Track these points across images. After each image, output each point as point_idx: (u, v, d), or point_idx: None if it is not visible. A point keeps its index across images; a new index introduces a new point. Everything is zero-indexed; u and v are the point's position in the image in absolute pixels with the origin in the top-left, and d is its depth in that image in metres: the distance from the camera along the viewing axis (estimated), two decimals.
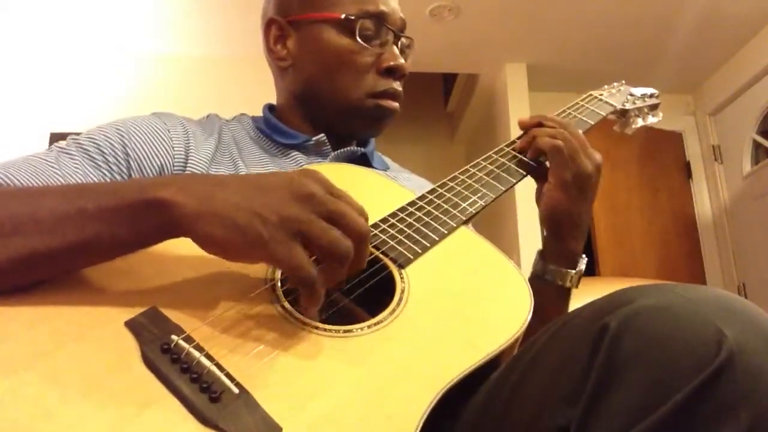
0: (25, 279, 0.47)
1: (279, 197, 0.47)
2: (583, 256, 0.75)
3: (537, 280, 0.74)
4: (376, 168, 0.86)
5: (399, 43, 0.84)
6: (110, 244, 0.47)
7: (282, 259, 0.45)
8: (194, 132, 0.78)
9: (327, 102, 0.82)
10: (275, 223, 0.45)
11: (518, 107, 3.47)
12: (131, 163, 0.71)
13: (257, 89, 0.96)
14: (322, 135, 0.82)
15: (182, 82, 3.27)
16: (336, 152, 0.82)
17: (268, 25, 0.85)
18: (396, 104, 0.82)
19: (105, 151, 0.70)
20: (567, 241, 0.73)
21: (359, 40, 0.79)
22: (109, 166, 0.70)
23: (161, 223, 0.46)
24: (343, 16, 0.79)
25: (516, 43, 3.36)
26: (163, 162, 0.73)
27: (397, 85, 0.82)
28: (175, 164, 0.74)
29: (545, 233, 0.75)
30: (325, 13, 0.80)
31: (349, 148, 0.84)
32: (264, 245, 0.45)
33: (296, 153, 0.83)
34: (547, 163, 0.74)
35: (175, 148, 0.74)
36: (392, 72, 0.81)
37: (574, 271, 0.73)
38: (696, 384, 0.35)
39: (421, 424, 0.42)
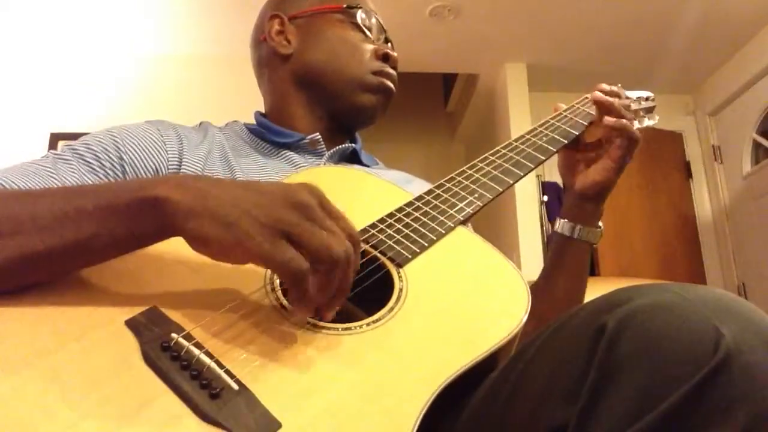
0: (25, 279, 0.47)
1: (271, 200, 0.47)
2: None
3: (566, 240, 0.81)
4: (365, 163, 0.89)
5: (387, 41, 0.93)
6: (108, 243, 0.47)
7: (269, 256, 0.45)
8: (187, 137, 0.80)
9: (332, 79, 0.86)
10: (264, 222, 0.45)
11: (518, 107, 3.47)
12: (126, 167, 0.72)
13: (256, 89, 0.96)
14: (317, 134, 0.84)
15: (182, 82, 3.27)
16: (329, 152, 0.85)
17: (271, 19, 0.89)
18: (393, 86, 0.88)
19: (100, 156, 0.71)
20: (599, 205, 0.82)
21: (361, 24, 0.88)
22: (105, 171, 0.71)
23: (156, 220, 0.47)
24: (345, 5, 0.89)
25: (516, 43, 3.37)
26: (157, 166, 0.74)
27: (392, 70, 0.89)
28: (170, 168, 0.74)
29: (578, 198, 0.82)
30: (326, 6, 0.89)
31: (341, 146, 0.86)
32: (251, 242, 0.44)
33: (290, 153, 0.84)
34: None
35: (168, 152, 0.75)
36: (387, 59, 0.88)
37: (598, 229, 0.82)
38: (693, 383, 0.35)
39: (419, 420, 0.42)
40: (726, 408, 0.34)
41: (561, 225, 0.82)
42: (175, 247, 0.49)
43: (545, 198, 3.38)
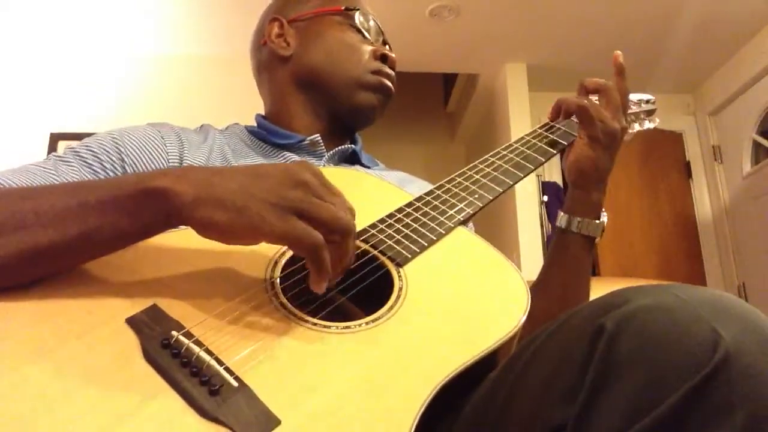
0: (29, 274, 0.47)
1: (275, 182, 0.48)
2: (604, 211, 0.80)
3: (563, 234, 0.79)
4: (365, 164, 0.90)
5: (385, 43, 0.94)
6: (112, 236, 0.48)
7: (284, 233, 0.46)
8: (188, 139, 0.80)
9: (331, 79, 0.86)
10: (273, 202, 0.47)
11: (518, 107, 3.47)
12: (127, 169, 0.72)
13: (256, 89, 0.96)
14: (317, 135, 0.85)
15: (182, 82, 3.27)
16: (329, 152, 0.85)
17: (271, 22, 0.90)
18: (392, 85, 0.89)
19: (101, 157, 0.72)
20: (591, 192, 0.79)
21: (359, 26, 0.89)
22: (106, 172, 0.71)
23: (161, 211, 0.47)
24: (343, 7, 0.90)
25: (516, 43, 3.37)
26: (158, 168, 0.74)
27: (390, 70, 0.89)
28: None
29: (570, 186, 0.80)
30: (325, 8, 0.90)
31: (341, 147, 0.87)
32: (264, 222, 0.46)
33: (290, 154, 0.85)
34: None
35: (169, 154, 0.76)
36: (386, 59, 0.89)
37: (598, 221, 0.78)
38: (692, 384, 0.35)
39: (418, 418, 0.42)
40: (724, 409, 0.34)
41: (560, 218, 0.81)
42: (177, 245, 0.49)
43: (545, 198, 3.39)
